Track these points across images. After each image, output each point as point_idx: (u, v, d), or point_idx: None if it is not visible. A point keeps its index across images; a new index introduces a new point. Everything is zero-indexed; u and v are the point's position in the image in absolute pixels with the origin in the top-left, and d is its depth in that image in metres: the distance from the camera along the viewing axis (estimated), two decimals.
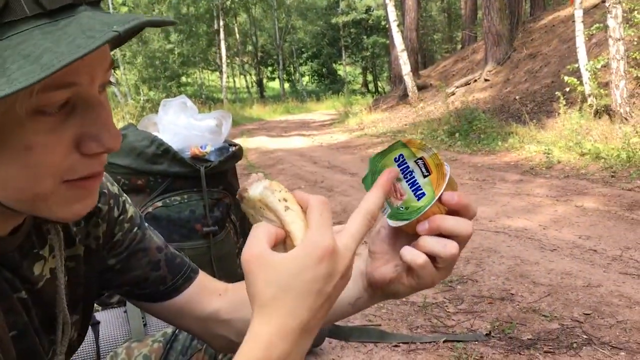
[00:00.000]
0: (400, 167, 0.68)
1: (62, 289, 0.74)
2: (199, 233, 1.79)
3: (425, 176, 0.67)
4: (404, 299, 3.19)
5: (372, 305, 0.81)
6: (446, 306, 3.07)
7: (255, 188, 0.60)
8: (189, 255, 1.86)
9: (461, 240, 0.70)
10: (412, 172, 0.68)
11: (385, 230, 0.77)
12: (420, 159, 0.67)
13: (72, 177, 0.58)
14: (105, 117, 0.58)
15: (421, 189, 0.67)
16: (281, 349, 0.57)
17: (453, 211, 0.70)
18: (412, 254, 0.69)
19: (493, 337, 2.65)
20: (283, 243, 0.61)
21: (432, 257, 0.70)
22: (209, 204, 1.78)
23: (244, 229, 1.98)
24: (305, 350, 0.60)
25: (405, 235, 0.73)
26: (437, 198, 0.66)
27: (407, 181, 0.68)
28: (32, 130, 0.53)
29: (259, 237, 0.59)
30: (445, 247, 0.69)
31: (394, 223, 0.71)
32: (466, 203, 0.70)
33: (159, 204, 1.76)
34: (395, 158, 0.68)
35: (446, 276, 0.74)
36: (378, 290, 0.78)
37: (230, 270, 1.85)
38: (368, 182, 0.70)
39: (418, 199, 0.67)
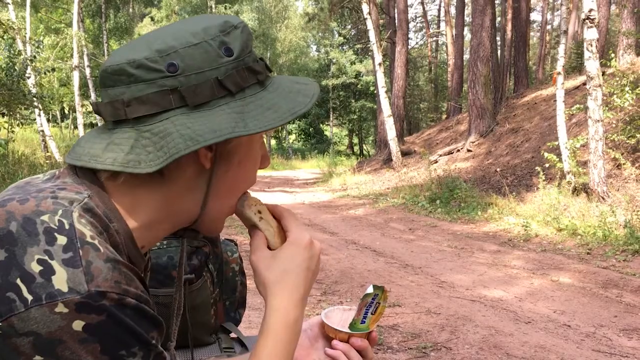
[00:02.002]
0: (371, 300, 0.98)
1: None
2: (175, 280, 1.77)
3: (371, 313, 0.99)
4: None
5: None
6: None
7: (240, 204, 0.85)
8: (163, 302, 1.83)
9: None
10: (370, 306, 0.98)
11: (311, 332, 1.04)
12: (378, 303, 0.98)
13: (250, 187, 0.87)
14: (265, 144, 0.88)
15: (365, 320, 0.99)
16: (293, 314, 0.81)
17: (371, 338, 1.01)
18: (343, 358, 0.97)
19: None
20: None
21: None
22: (187, 251, 1.78)
23: (220, 279, 1.96)
24: (303, 317, 0.84)
25: (323, 338, 1.03)
26: (368, 331, 1.00)
27: (366, 309, 0.98)
28: (257, 149, 0.84)
29: (258, 244, 0.84)
30: None
31: (342, 324, 1.01)
32: (365, 347, 0.99)
33: None
34: (375, 295, 0.97)
35: None
36: None
37: (203, 320, 1.82)
38: (362, 299, 0.98)
39: (361, 323, 0.99)
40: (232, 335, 1.87)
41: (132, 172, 0.69)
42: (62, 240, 0.62)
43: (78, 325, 0.60)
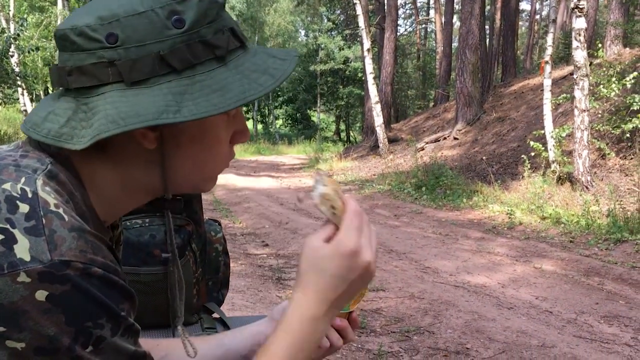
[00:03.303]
0: None
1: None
2: (157, 259, 1.75)
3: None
4: (359, 345, 3.14)
5: None
6: (401, 356, 3.04)
7: (314, 194, 0.81)
8: (145, 281, 1.81)
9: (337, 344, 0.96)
10: None
11: None
12: None
13: (227, 164, 0.80)
14: (245, 118, 0.82)
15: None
16: (313, 312, 0.76)
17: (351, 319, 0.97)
18: (323, 339, 0.93)
19: None
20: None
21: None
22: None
23: (203, 259, 1.94)
24: (328, 325, 0.80)
25: None
26: (348, 312, 0.96)
27: None
28: (221, 126, 0.75)
29: (319, 234, 0.79)
30: (335, 342, 0.93)
31: None
32: (345, 327, 0.95)
33: None
34: None
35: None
36: None
37: (186, 298, 1.80)
38: None
39: None
40: (215, 315, 1.85)
41: (63, 146, 0.66)
42: (24, 208, 0.60)
43: (41, 295, 0.57)
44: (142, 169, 0.73)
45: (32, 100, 20.05)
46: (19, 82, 12.56)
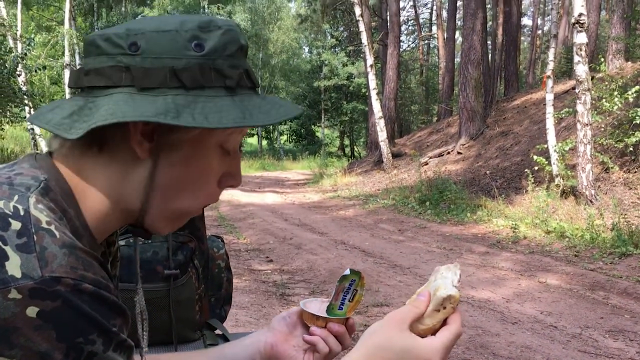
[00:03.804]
0: (349, 286, 1.00)
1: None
2: (160, 275, 1.76)
3: (349, 301, 1.00)
4: None
5: None
6: None
7: (441, 283, 0.84)
8: (147, 298, 1.82)
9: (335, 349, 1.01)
10: (348, 293, 1.00)
11: (290, 319, 1.04)
12: (355, 290, 1.00)
13: (208, 202, 0.80)
14: (240, 163, 0.82)
15: (343, 307, 1.00)
16: None
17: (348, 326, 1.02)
18: (321, 344, 0.99)
19: None
20: (415, 321, 0.82)
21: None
22: (172, 246, 1.77)
23: (206, 275, 1.96)
24: None
25: (302, 326, 1.03)
26: (345, 317, 1.00)
27: (343, 295, 1.00)
28: (216, 156, 0.77)
29: (410, 309, 0.82)
30: (334, 347, 0.99)
31: (320, 312, 1.02)
32: (342, 332, 1.00)
33: (122, 243, 1.73)
34: (352, 280, 0.99)
35: None
36: (270, 359, 1.01)
37: (188, 315, 1.82)
38: (339, 281, 1.00)
39: (339, 309, 1.00)
40: (217, 331, 1.86)
41: (60, 134, 0.69)
42: (16, 225, 0.61)
43: (32, 311, 0.58)
44: (130, 180, 0.74)
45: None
46: (26, 101, 12.65)
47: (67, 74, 18.57)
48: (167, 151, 0.73)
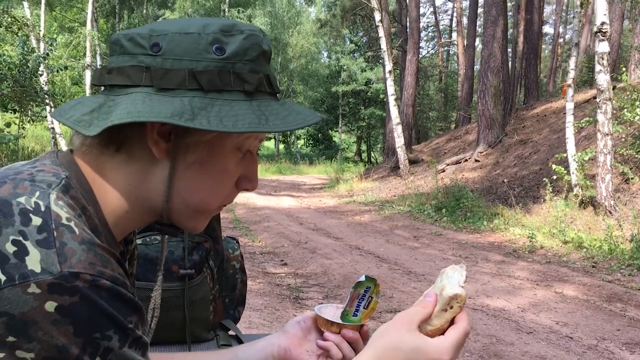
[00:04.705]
0: (364, 292, 1.00)
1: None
2: (175, 275, 1.78)
3: (364, 307, 1.00)
4: None
5: None
6: None
7: (446, 283, 0.84)
8: (162, 297, 1.83)
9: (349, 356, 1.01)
10: (363, 299, 1.00)
11: (304, 323, 1.05)
12: (371, 297, 1.00)
13: (225, 202, 0.82)
14: (257, 167, 0.84)
15: (357, 313, 1.00)
16: None
17: (362, 333, 1.02)
18: (335, 350, 0.99)
19: None
20: (424, 321, 0.83)
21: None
22: (188, 246, 1.78)
23: (220, 276, 1.97)
24: None
25: (316, 331, 1.04)
26: (359, 324, 1.01)
27: (358, 302, 1.00)
28: (232, 159, 0.78)
29: (419, 310, 0.83)
30: (347, 353, 0.99)
31: (334, 317, 1.02)
32: (356, 339, 1.01)
33: (139, 241, 1.75)
34: (367, 287, 1.00)
35: None
36: None
37: (202, 315, 1.83)
38: (354, 287, 1.00)
39: (353, 316, 1.01)
40: (231, 332, 1.87)
41: (79, 131, 0.70)
42: (37, 221, 0.62)
43: (50, 306, 0.59)
44: (149, 180, 0.76)
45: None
46: (47, 101, 12.83)
47: (88, 74, 18.81)
48: (184, 152, 0.75)
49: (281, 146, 38.93)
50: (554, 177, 8.90)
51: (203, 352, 1.23)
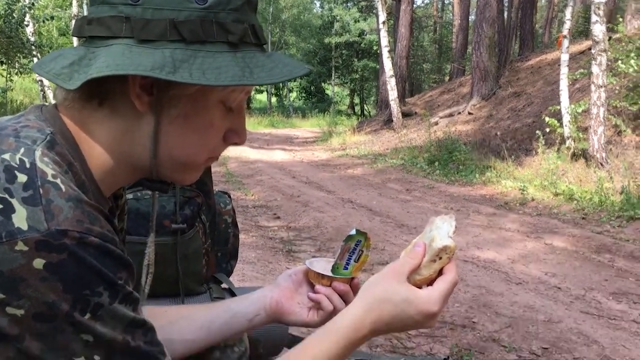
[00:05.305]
0: (354, 246, 1.01)
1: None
2: (167, 229, 1.78)
3: (355, 261, 1.01)
4: None
5: (263, 325, 1.05)
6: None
7: (436, 234, 0.85)
8: (155, 252, 1.84)
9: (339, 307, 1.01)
10: (354, 253, 1.01)
11: (296, 277, 1.06)
12: (361, 250, 1.01)
13: (213, 154, 0.80)
14: (245, 121, 0.81)
15: (348, 266, 1.01)
16: (362, 335, 0.82)
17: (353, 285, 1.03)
18: (326, 302, 1.01)
19: None
20: (414, 272, 0.84)
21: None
22: (180, 201, 1.78)
23: (212, 230, 1.97)
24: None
25: (307, 284, 1.05)
26: (350, 277, 1.02)
27: (349, 255, 1.01)
28: (217, 113, 0.76)
29: (407, 261, 0.85)
30: (338, 305, 1.00)
31: (325, 271, 1.03)
32: (347, 291, 1.02)
33: (130, 196, 1.75)
34: (358, 240, 1.00)
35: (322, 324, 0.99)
36: (275, 315, 1.03)
37: (195, 269, 1.84)
38: (345, 241, 1.01)
39: (344, 269, 1.02)
40: (224, 285, 1.89)
41: (58, 84, 0.69)
42: (22, 178, 0.62)
43: (39, 263, 0.59)
44: (135, 134, 0.74)
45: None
46: (34, 52, 12.58)
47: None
48: (168, 106, 0.73)
49: (274, 99, 38.60)
50: (547, 129, 8.90)
51: (196, 304, 1.23)
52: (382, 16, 15.16)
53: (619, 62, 8.44)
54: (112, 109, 0.73)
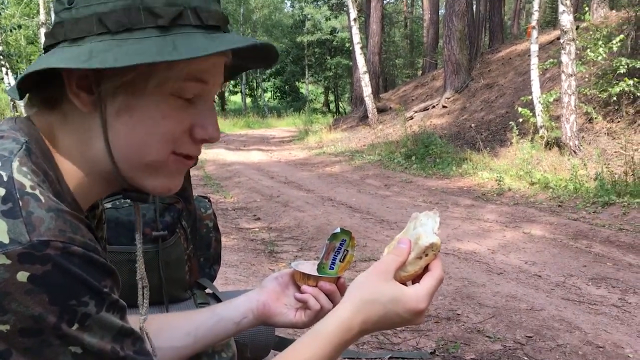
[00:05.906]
0: (339, 245, 1.01)
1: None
2: (148, 237, 1.76)
3: (340, 261, 1.02)
4: None
5: (251, 328, 1.04)
6: None
7: (422, 231, 0.86)
8: (134, 260, 1.82)
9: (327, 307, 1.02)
10: (339, 253, 1.02)
11: (282, 279, 1.06)
12: (346, 250, 1.01)
13: (179, 151, 0.74)
14: (214, 115, 0.77)
15: (334, 266, 1.02)
16: (351, 337, 0.82)
17: (339, 285, 1.04)
18: (312, 301, 1.01)
19: (437, 355, 2.69)
20: (398, 269, 0.85)
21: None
22: (159, 208, 1.76)
23: (194, 236, 1.96)
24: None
25: (293, 286, 1.05)
26: (336, 276, 1.02)
27: (334, 255, 1.02)
28: (170, 105, 0.71)
29: (393, 259, 0.85)
30: (325, 304, 1.01)
31: (311, 270, 1.03)
32: (333, 291, 1.03)
33: (109, 205, 1.73)
34: (342, 240, 1.01)
35: (311, 324, 1.00)
36: (262, 317, 1.03)
37: (178, 276, 1.82)
38: (329, 239, 1.02)
39: (330, 269, 1.02)
40: (208, 290, 1.87)
41: (10, 96, 0.72)
42: (0, 192, 0.61)
43: (22, 276, 0.58)
44: (89, 139, 0.73)
45: (16, 79, 19.70)
46: (2, 62, 12.36)
47: (42, 33, 18.09)
48: (110, 101, 0.70)
49: (248, 100, 38.44)
50: (520, 119, 9.01)
51: (181, 312, 1.22)
52: (353, 13, 15.20)
53: (588, 50, 8.59)
54: (62, 114, 0.73)
